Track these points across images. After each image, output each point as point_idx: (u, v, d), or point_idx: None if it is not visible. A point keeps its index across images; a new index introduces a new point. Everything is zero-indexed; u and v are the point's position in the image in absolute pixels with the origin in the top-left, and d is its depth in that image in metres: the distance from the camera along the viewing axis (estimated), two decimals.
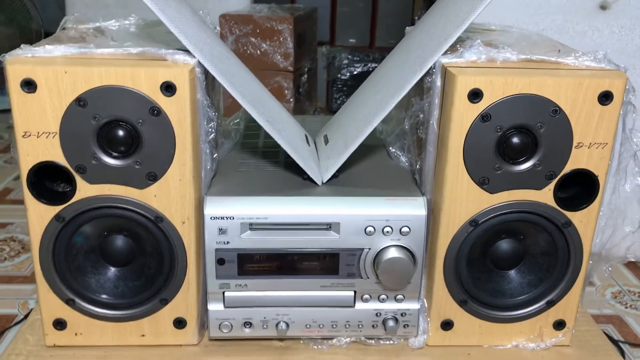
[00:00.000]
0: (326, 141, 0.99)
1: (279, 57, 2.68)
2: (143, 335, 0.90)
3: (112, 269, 0.89)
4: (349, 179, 0.94)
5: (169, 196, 0.83)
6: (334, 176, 0.92)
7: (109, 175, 0.81)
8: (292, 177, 0.94)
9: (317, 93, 3.24)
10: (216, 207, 0.84)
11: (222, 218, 0.84)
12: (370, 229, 0.85)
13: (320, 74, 3.36)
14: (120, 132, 0.79)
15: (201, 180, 0.86)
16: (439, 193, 0.85)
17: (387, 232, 0.85)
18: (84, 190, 0.82)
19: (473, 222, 0.85)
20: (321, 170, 0.92)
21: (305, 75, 2.90)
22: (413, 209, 0.86)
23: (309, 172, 0.90)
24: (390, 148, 1.02)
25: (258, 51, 2.71)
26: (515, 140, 0.81)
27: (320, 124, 1.15)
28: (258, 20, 2.67)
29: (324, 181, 0.91)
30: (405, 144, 0.98)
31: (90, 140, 0.79)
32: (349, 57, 3.44)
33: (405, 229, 0.85)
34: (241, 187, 0.91)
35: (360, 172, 0.97)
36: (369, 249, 0.86)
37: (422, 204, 0.86)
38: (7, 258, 2.01)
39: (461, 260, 0.87)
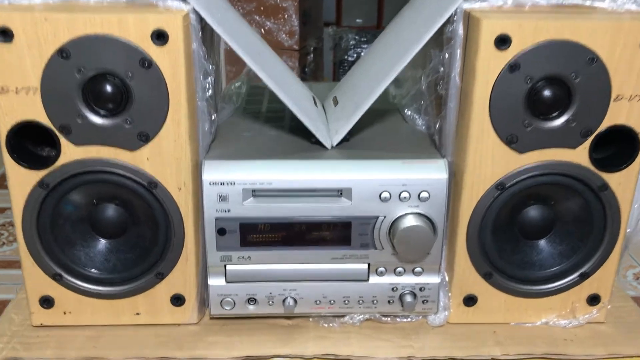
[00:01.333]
0: (335, 103, 0.91)
1: (283, 35, 2.59)
2: (138, 314, 0.83)
3: (103, 241, 0.81)
4: (361, 142, 0.86)
5: (163, 159, 0.75)
6: (345, 139, 0.83)
7: (96, 136, 0.73)
8: (299, 141, 0.86)
9: (323, 73, 3.15)
10: (215, 172, 0.77)
11: (222, 184, 0.76)
12: (385, 194, 0.77)
13: (327, 56, 3.27)
14: (108, 87, 0.71)
15: (198, 142, 0.78)
16: (462, 154, 0.77)
17: (404, 198, 0.77)
18: (69, 153, 0.74)
19: (499, 186, 0.77)
20: (330, 133, 0.84)
21: (311, 55, 2.81)
22: (433, 172, 0.77)
23: (317, 135, 0.82)
24: (406, 110, 0.94)
25: (262, 29, 2.62)
26: (546, 92, 0.73)
27: (328, 90, 1.06)
28: None
29: (334, 145, 0.83)
30: (423, 105, 0.89)
31: (75, 96, 0.71)
32: (356, 37, 3.33)
33: (424, 195, 0.77)
34: (243, 151, 0.83)
35: (373, 136, 0.89)
36: (384, 217, 0.78)
37: (443, 166, 0.78)
38: (5, 243, 1.95)
39: (486, 228, 0.79)
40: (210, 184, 0.76)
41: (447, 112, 0.79)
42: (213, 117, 0.83)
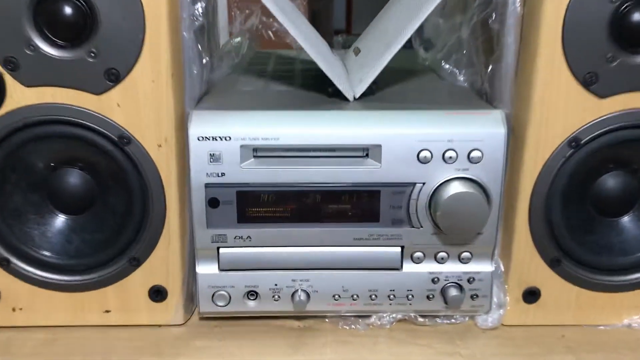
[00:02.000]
0: (357, 52, 0.74)
1: (292, 37, 2.45)
2: (107, 312, 0.65)
3: (63, 217, 0.64)
4: (390, 95, 0.69)
5: (138, 106, 0.58)
6: (369, 92, 0.66)
7: (51, 74, 0.57)
8: (314, 95, 0.69)
9: None
10: (206, 124, 0.59)
11: (215, 139, 0.59)
12: (425, 154, 0.59)
13: None
14: (66, 8, 0.55)
15: (184, 88, 0.61)
16: (524, 102, 0.60)
17: (450, 158, 0.60)
18: (17, 96, 0.57)
19: (573, 142, 0.59)
20: (353, 84, 0.67)
21: None
22: (487, 125, 0.60)
23: (337, 83, 0.64)
24: (443, 64, 0.76)
25: (269, 31, 2.48)
26: (638, 15, 0.55)
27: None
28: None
29: (357, 96, 0.66)
30: (465, 55, 0.72)
31: (23, 19, 0.55)
32: None
33: (475, 154, 0.60)
34: (243, 103, 0.66)
35: (404, 90, 0.72)
36: (423, 183, 0.60)
37: (500, 118, 0.60)
38: None
39: (554, 199, 0.62)
40: (199, 139, 0.59)
41: (504, 52, 0.62)
42: (205, 61, 0.66)
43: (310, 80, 0.75)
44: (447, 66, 0.76)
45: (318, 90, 0.69)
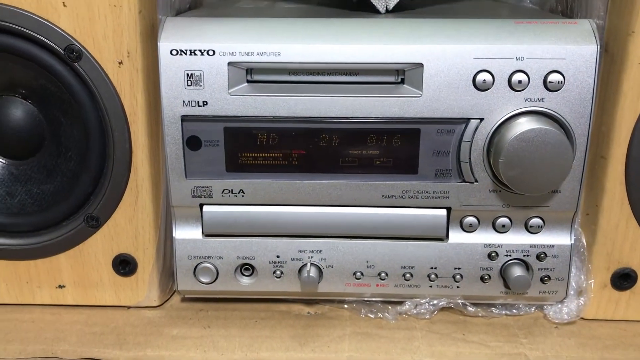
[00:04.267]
0: None
1: None
2: (61, 287, 0.50)
3: (4, 162, 0.49)
4: (434, 10, 0.53)
5: (91, 6, 0.43)
6: (407, 4, 0.50)
7: None
8: (333, 10, 0.53)
9: None
10: (182, 34, 0.44)
11: (194, 53, 0.43)
12: (484, 77, 0.43)
13: None
14: None
15: None
16: (626, 4, 0.42)
17: (519, 84, 0.43)
18: None
19: None
20: None
21: None
22: (571, 38, 0.43)
23: None
24: None
25: None
26: None
27: None
28: None
29: (390, 7, 0.49)
30: None
31: None
32: None
33: (554, 79, 0.43)
34: (236, 14, 0.50)
35: (452, 3, 0.56)
36: (481, 119, 0.44)
37: (590, 28, 0.43)
38: None
39: None
40: (172, 53, 0.43)
41: None
42: None
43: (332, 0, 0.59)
44: None
45: (340, 6, 0.53)
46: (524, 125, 0.43)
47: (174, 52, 0.43)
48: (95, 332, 0.48)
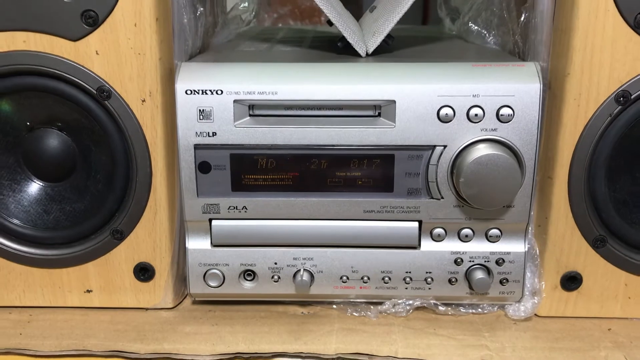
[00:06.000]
0: (372, 9, 0.66)
1: None
2: (88, 291, 0.58)
3: (41, 184, 0.57)
4: (406, 52, 0.61)
5: (119, 54, 0.51)
6: (385, 46, 0.59)
7: (23, 16, 0.51)
8: (321, 53, 0.62)
9: None
10: (195, 76, 0.52)
11: (205, 93, 0.52)
12: (446, 111, 0.51)
13: None
14: None
15: (173, 35, 0.54)
16: (563, 52, 0.51)
17: (476, 116, 0.51)
18: None
19: (621, 97, 0.51)
20: (365, 38, 0.60)
21: None
22: (519, 78, 0.52)
23: (347, 36, 0.57)
24: (470, 25, 0.68)
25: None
26: None
27: None
28: None
29: (370, 51, 0.58)
30: (495, 13, 0.64)
31: None
32: None
33: (505, 112, 0.51)
34: (240, 58, 0.59)
35: (424, 47, 0.64)
36: (445, 146, 0.52)
37: (534, 70, 0.52)
38: None
39: (598, 167, 0.53)
40: (186, 92, 0.52)
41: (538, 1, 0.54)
42: (199, 11, 0.59)
43: (321, 43, 0.68)
44: (474, 28, 0.67)
45: (327, 50, 0.62)
46: (481, 151, 0.51)
47: (189, 92, 0.52)
48: (119, 330, 0.56)
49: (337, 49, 0.59)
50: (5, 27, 0.51)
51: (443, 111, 0.51)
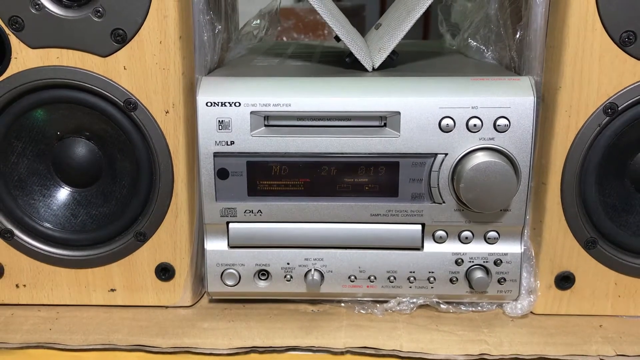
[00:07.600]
0: (378, 27, 0.71)
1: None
2: (112, 290, 0.62)
3: (69, 190, 0.61)
4: (410, 66, 0.66)
5: (145, 69, 0.56)
6: (389, 62, 0.63)
7: (57, 34, 0.55)
8: (330, 68, 0.66)
9: None
10: (215, 90, 0.57)
11: (224, 105, 0.56)
12: (447, 122, 0.56)
13: None
14: None
15: (194, 52, 0.59)
16: (554, 67, 0.55)
17: (474, 127, 0.55)
18: (22, 58, 0.56)
19: (609, 109, 0.55)
20: (372, 54, 0.64)
21: None
22: (514, 91, 0.56)
23: (354, 52, 0.61)
24: (470, 41, 0.72)
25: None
26: None
27: None
28: (300, 13, 2.43)
29: (376, 66, 0.62)
30: (492, 30, 0.68)
31: None
32: None
33: (502, 122, 0.55)
34: (255, 73, 0.63)
35: (426, 62, 0.68)
36: (446, 154, 0.56)
37: (529, 84, 0.56)
38: None
39: (589, 173, 0.57)
40: (207, 104, 0.56)
41: (532, 14, 0.58)
42: (217, 29, 0.63)
43: (330, 58, 0.72)
44: (474, 44, 0.72)
45: (336, 64, 0.66)
46: (479, 158, 0.55)
47: (209, 104, 0.56)
48: (142, 326, 0.60)
49: (345, 64, 0.64)
50: (40, 45, 0.55)
51: (444, 122, 0.56)
